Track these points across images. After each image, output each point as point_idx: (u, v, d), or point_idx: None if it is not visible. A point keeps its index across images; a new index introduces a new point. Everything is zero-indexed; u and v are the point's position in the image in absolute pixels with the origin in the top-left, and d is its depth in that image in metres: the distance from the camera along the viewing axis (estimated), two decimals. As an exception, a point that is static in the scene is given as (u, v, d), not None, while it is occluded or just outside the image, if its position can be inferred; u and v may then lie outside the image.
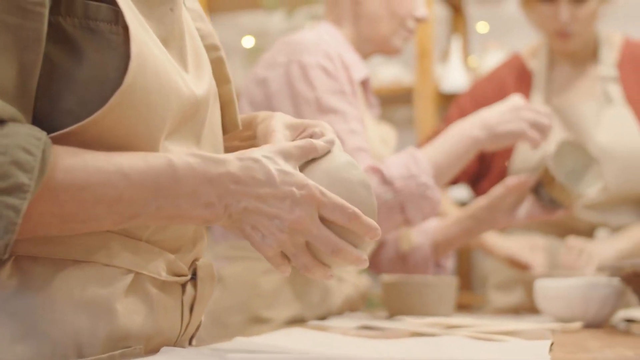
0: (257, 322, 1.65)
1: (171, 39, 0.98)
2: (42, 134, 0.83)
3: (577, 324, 1.48)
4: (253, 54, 3.45)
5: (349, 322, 1.57)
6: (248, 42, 3.66)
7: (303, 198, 0.92)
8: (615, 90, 2.22)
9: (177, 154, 0.91)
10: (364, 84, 1.88)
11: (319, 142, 0.98)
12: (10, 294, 0.90)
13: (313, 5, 3.40)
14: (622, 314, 1.69)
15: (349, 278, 1.81)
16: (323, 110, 1.69)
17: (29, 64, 0.85)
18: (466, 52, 3.62)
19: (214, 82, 1.08)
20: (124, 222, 0.90)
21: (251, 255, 1.68)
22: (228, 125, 1.15)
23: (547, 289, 1.60)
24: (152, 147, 0.93)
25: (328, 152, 1.00)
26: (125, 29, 0.90)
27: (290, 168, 0.94)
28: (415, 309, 1.68)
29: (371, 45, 1.92)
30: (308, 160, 0.99)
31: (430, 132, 2.42)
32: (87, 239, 0.93)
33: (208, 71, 1.06)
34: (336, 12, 1.91)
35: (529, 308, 2.00)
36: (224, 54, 1.14)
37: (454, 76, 3.38)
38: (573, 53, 2.27)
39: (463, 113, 2.35)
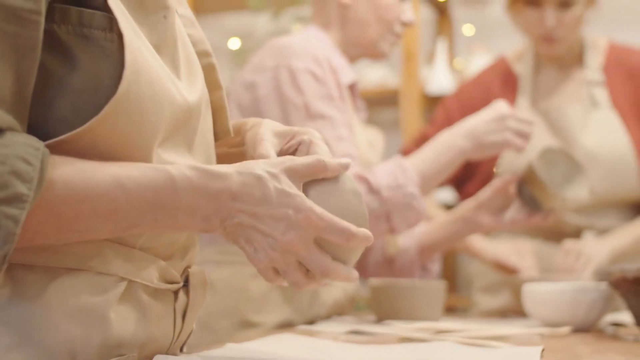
0: (246, 326, 1.65)
1: (164, 46, 0.98)
2: (40, 144, 0.83)
3: (566, 329, 1.48)
4: (239, 56, 3.45)
5: (338, 326, 1.57)
6: (234, 43, 3.65)
7: (298, 222, 0.92)
8: (601, 94, 2.23)
9: (176, 166, 0.91)
10: (352, 87, 1.88)
11: (330, 162, 0.96)
12: (4, 303, 0.89)
13: (299, 7, 3.40)
14: (609, 317, 1.70)
15: (336, 282, 1.81)
16: (311, 115, 1.69)
17: (25, 72, 0.84)
18: (452, 54, 3.63)
19: (205, 89, 1.07)
20: (120, 232, 0.91)
21: (239, 260, 1.68)
22: (219, 132, 1.14)
23: (535, 293, 1.61)
24: (145, 155, 0.93)
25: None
26: (120, 36, 0.90)
27: (291, 188, 0.93)
28: (404, 313, 1.68)
29: (358, 50, 1.92)
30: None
31: (416, 134, 2.43)
32: (81, 247, 0.92)
33: (200, 78, 1.06)
34: (324, 16, 1.92)
35: (515, 311, 2.01)
36: (215, 60, 1.14)
37: (440, 78, 3.39)
38: (559, 57, 2.28)
39: (449, 116, 2.36)
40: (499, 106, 1.80)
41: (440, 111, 2.41)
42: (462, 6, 3.66)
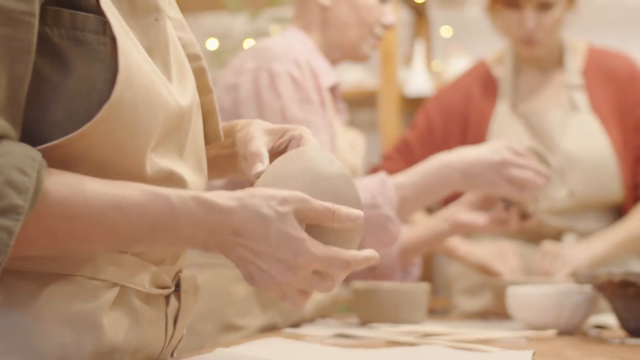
0: (229, 330, 1.64)
1: (156, 49, 0.97)
2: (37, 155, 0.82)
3: (551, 332, 1.49)
4: (217, 57, 3.43)
5: (323, 329, 1.56)
6: (212, 44, 3.63)
7: (298, 265, 0.91)
8: (581, 98, 2.25)
9: (179, 193, 0.89)
10: (333, 90, 1.88)
11: (339, 213, 0.94)
12: None
13: (277, 8, 3.39)
14: (592, 320, 1.71)
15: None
16: (288, 120, 1.68)
17: (19, 75, 0.83)
18: (429, 56, 3.64)
19: (196, 93, 1.07)
20: (115, 249, 0.91)
21: (222, 263, 1.66)
22: (210, 136, 1.13)
23: (519, 295, 1.61)
24: (138, 160, 0.92)
25: (305, 149, 1.00)
26: (113, 39, 0.89)
27: (295, 230, 0.91)
28: (388, 316, 1.68)
29: (339, 52, 1.91)
30: (286, 160, 0.98)
31: (397, 140, 2.42)
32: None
33: (191, 81, 1.05)
34: (305, 18, 1.91)
35: (496, 313, 2.01)
36: (206, 64, 1.13)
37: (418, 80, 3.39)
38: (538, 60, 2.29)
39: (430, 122, 2.36)
40: (504, 150, 1.75)
41: (420, 116, 2.41)
42: (440, 8, 3.66)
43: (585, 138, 2.20)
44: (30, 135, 0.85)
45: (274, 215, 0.90)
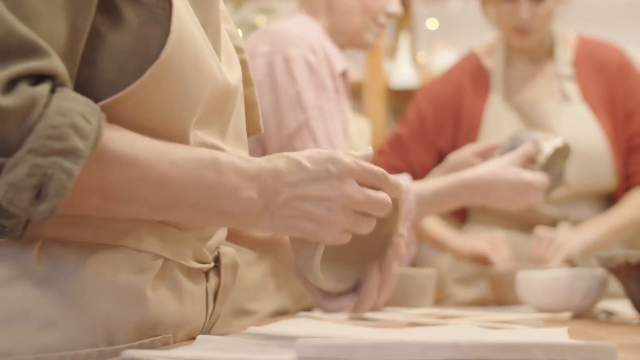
0: (241, 315, 1.63)
1: (208, 25, 0.96)
2: (97, 106, 0.81)
3: (567, 314, 1.50)
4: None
5: (337, 314, 1.55)
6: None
7: (340, 172, 0.90)
8: (572, 89, 2.26)
9: (217, 151, 0.90)
10: (343, 75, 1.87)
11: (389, 177, 0.94)
12: (39, 280, 0.86)
13: (262, -2, 3.38)
14: (602, 305, 1.72)
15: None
16: (303, 106, 1.67)
17: (80, 27, 0.82)
18: (414, 48, 3.65)
19: (241, 81, 1.06)
20: (162, 210, 0.88)
21: (234, 248, 1.65)
22: (250, 128, 1.13)
23: (530, 280, 1.62)
24: (183, 128, 0.90)
25: None
26: (171, 5, 0.88)
27: (321, 155, 0.91)
28: (397, 301, 1.68)
29: (343, 39, 1.91)
30: None
31: (381, 131, 2.41)
32: (116, 222, 0.90)
33: (238, 68, 1.04)
34: (310, 4, 1.90)
35: (493, 301, 2.02)
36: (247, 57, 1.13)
37: (403, 72, 3.40)
38: (529, 51, 2.29)
39: (421, 116, 2.35)
40: (532, 195, 1.78)
41: (411, 110, 2.40)
42: (423, 1, 3.67)
43: (578, 128, 2.22)
44: (82, 91, 0.84)
45: (290, 154, 0.91)
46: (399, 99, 3.52)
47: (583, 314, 1.58)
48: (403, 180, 1.72)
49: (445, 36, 3.53)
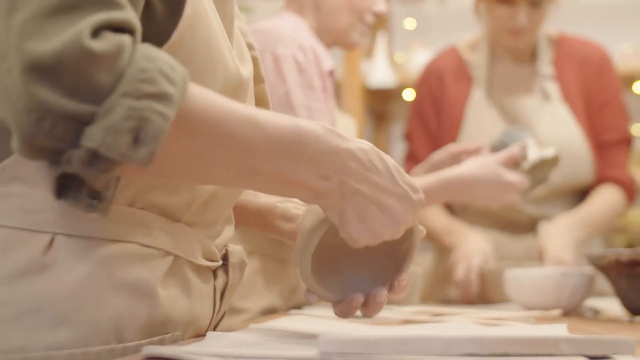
0: (231, 312, 1.61)
1: (222, 16, 0.96)
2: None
3: (557, 312, 1.51)
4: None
5: (328, 311, 1.55)
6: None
7: (417, 203, 0.91)
8: (553, 88, 2.28)
9: (302, 119, 0.88)
10: (331, 74, 1.87)
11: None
12: (50, 276, 0.85)
13: (241, -3, 3.37)
14: (588, 303, 1.74)
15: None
16: (292, 105, 1.67)
17: None
18: (391, 48, 3.66)
19: (252, 77, 1.05)
20: (244, 176, 0.85)
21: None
22: None
23: (519, 278, 1.63)
24: None
25: None
26: None
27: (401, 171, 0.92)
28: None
29: (330, 38, 1.91)
30: None
31: (359, 131, 2.41)
32: (126, 217, 0.89)
33: (249, 64, 1.04)
34: (297, 3, 1.90)
35: (479, 299, 2.03)
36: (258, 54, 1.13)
37: (380, 72, 3.41)
38: (515, 49, 2.31)
39: (425, 123, 2.36)
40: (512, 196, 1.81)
41: (416, 123, 2.38)
42: (399, 1, 3.69)
43: (558, 127, 2.24)
44: None
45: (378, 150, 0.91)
46: (377, 98, 3.53)
47: (570, 312, 1.60)
48: None
49: (422, 36, 3.55)
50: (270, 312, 1.65)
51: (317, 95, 1.71)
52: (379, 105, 3.73)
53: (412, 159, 2.33)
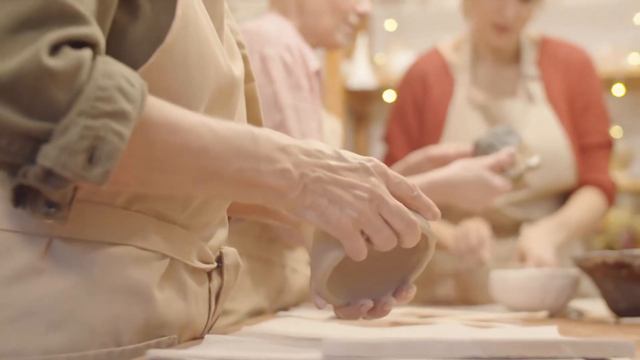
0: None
1: (212, 16, 0.96)
2: (135, 72, 0.80)
3: (543, 313, 1.52)
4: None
5: (316, 313, 1.56)
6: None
7: (374, 168, 0.91)
8: (537, 89, 2.29)
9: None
10: (317, 74, 1.88)
11: (422, 194, 0.96)
12: (47, 279, 0.85)
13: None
14: (573, 304, 1.75)
15: (300, 269, 1.80)
16: (279, 106, 1.67)
17: (107, 4, 0.82)
18: (371, 49, 3.67)
19: (243, 75, 1.05)
20: (203, 181, 0.85)
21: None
22: (252, 123, 1.12)
23: (504, 279, 1.64)
24: None
25: None
26: None
27: (373, 169, 0.92)
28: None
29: (314, 39, 1.91)
30: None
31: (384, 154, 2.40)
32: (122, 220, 0.89)
33: (240, 62, 1.04)
34: (281, 4, 1.90)
35: (461, 300, 2.04)
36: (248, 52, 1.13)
37: (360, 73, 3.42)
38: (498, 50, 2.31)
39: (405, 125, 2.36)
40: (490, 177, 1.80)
41: (395, 123, 2.38)
42: (379, 3, 3.70)
43: (542, 130, 2.25)
44: None
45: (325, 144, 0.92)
46: (357, 99, 3.54)
47: (555, 313, 1.61)
48: None
49: (403, 38, 3.56)
50: (257, 313, 1.65)
51: (305, 95, 1.72)
52: (359, 106, 3.74)
53: (390, 161, 2.34)
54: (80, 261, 0.86)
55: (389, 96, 3.48)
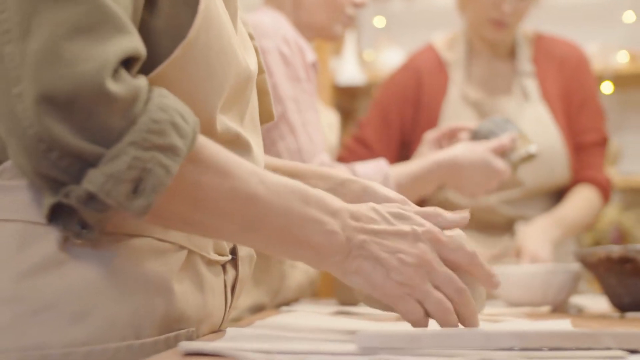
0: (219, 309, 1.60)
1: (227, 9, 0.95)
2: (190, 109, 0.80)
3: (546, 308, 1.52)
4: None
5: (318, 308, 1.55)
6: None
7: (424, 234, 0.89)
8: (532, 86, 2.29)
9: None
10: (314, 66, 1.87)
11: (477, 257, 0.93)
12: (67, 271, 0.83)
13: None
14: (573, 300, 1.75)
15: (298, 264, 1.79)
16: (279, 97, 1.66)
17: (138, 6, 0.82)
18: (360, 46, 3.66)
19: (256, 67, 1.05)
20: (247, 230, 0.85)
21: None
22: (262, 115, 1.11)
23: (505, 275, 1.64)
24: (210, 113, 0.89)
25: None
26: None
27: (405, 211, 0.91)
28: (366, 298, 1.67)
29: (311, 32, 1.90)
30: None
31: (350, 141, 2.38)
32: None
33: (253, 55, 1.03)
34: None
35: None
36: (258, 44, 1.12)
37: (349, 70, 3.41)
38: (492, 46, 2.31)
39: (385, 112, 2.34)
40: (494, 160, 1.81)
41: (375, 112, 2.37)
42: (368, -1, 3.69)
43: (537, 128, 2.24)
44: None
45: (377, 206, 0.91)
46: (345, 96, 3.53)
47: (556, 309, 1.61)
48: (381, 165, 1.73)
49: (391, 34, 3.56)
50: (258, 309, 1.64)
51: (303, 87, 1.71)
52: (347, 103, 3.73)
53: (360, 144, 2.32)
54: (100, 253, 0.85)
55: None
